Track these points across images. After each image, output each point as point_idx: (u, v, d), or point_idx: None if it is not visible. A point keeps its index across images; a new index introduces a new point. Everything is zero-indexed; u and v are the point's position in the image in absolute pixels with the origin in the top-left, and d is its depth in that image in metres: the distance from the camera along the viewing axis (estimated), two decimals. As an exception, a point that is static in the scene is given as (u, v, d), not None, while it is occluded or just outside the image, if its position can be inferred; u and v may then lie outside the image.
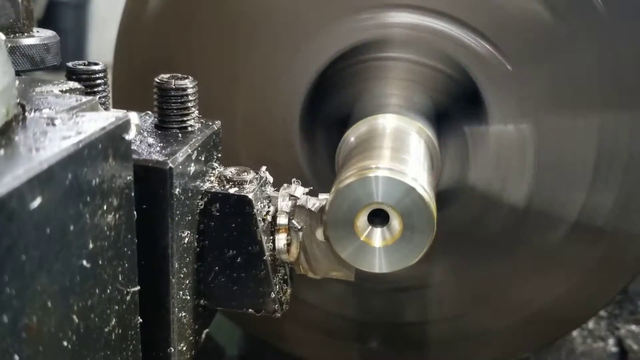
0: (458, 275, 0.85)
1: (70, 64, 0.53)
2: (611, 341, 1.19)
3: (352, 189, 0.59)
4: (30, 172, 0.32)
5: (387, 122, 0.73)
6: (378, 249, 0.59)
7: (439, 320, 0.89)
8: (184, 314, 0.53)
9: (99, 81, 0.53)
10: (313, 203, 0.60)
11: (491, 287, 0.85)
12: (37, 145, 0.35)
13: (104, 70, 0.54)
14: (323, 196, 0.61)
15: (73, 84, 0.48)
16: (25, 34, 0.52)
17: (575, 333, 1.19)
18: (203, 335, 0.59)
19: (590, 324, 1.21)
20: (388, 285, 0.86)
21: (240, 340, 1.28)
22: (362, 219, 0.59)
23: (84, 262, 0.38)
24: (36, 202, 0.33)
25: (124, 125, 0.41)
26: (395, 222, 0.58)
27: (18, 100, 0.40)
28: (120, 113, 0.42)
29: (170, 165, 0.47)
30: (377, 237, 0.59)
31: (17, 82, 0.40)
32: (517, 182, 0.78)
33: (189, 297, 0.54)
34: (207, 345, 1.27)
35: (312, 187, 0.62)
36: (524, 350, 0.93)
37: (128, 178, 0.43)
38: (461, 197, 0.80)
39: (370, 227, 0.59)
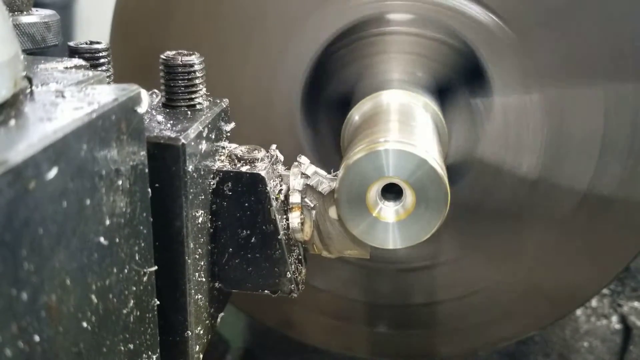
0: (466, 250, 0.85)
1: (72, 43, 0.51)
2: (614, 318, 1.19)
3: (362, 164, 0.57)
4: (45, 141, 0.30)
5: (392, 98, 0.72)
6: (391, 225, 0.58)
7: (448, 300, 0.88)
8: (200, 296, 0.51)
9: (102, 60, 0.51)
10: (324, 186, 0.58)
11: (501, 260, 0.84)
12: (49, 115, 0.34)
13: (107, 49, 0.52)
14: (333, 175, 0.59)
15: (77, 61, 0.47)
16: (25, 12, 0.50)
17: (579, 312, 1.19)
18: (218, 319, 0.57)
19: (594, 302, 1.21)
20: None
21: (244, 332, 1.26)
22: (373, 195, 0.57)
23: (102, 239, 0.37)
24: (52, 173, 0.31)
25: (136, 98, 0.39)
26: (408, 196, 0.57)
27: (25, 74, 0.38)
28: (130, 85, 0.40)
29: (183, 141, 0.46)
30: (390, 212, 0.58)
31: (22, 55, 0.38)
32: (526, 155, 0.77)
33: (204, 279, 0.52)
34: (211, 339, 1.26)
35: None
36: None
37: (142, 153, 0.41)
38: (471, 170, 0.79)
39: (382, 202, 0.58)
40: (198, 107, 0.53)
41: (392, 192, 0.59)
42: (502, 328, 0.89)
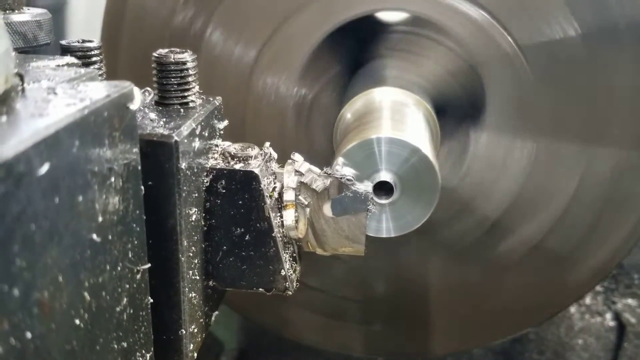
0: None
1: (64, 42, 0.51)
2: (609, 315, 1.19)
3: (354, 153, 0.58)
4: (37, 136, 0.30)
5: (384, 96, 0.72)
6: (384, 214, 0.59)
7: None
8: (194, 294, 0.51)
9: (94, 58, 0.51)
10: (317, 184, 0.58)
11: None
12: (41, 112, 0.33)
13: (99, 47, 0.52)
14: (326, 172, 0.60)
15: (69, 59, 0.46)
16: (16, 10, 0.49)
17: (573, 309, 1.19)
18: (213, 318, 0.57)
19: (587, 300, 1.22)
20: None
21: (238, 333, 1.26)
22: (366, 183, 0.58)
23: (94, 236, 0.37)
24: (44, 169, 0.31)
25: (128, 94, 0.39)
26: (400, 186, 0.58)
27: (16, 71, 0.38)
28: (123, 82, 0.40)
29: (176, 138, 0.46)
30: (383, 202, 0.59)
31: (13, 52, 0.38)
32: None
33: (198, 278, 0.52)
34: (205, 340, 1.26)
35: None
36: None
37: (134, 150, 0.41)
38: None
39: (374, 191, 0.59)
40: (191, 105, 0.53)
41: (383, 189, 0.59)
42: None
